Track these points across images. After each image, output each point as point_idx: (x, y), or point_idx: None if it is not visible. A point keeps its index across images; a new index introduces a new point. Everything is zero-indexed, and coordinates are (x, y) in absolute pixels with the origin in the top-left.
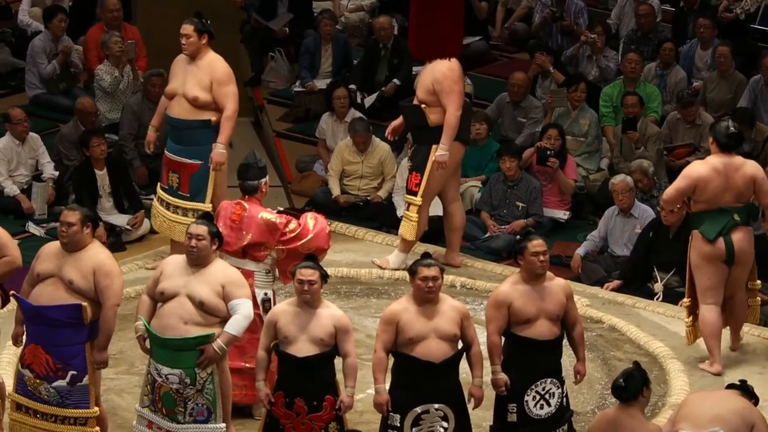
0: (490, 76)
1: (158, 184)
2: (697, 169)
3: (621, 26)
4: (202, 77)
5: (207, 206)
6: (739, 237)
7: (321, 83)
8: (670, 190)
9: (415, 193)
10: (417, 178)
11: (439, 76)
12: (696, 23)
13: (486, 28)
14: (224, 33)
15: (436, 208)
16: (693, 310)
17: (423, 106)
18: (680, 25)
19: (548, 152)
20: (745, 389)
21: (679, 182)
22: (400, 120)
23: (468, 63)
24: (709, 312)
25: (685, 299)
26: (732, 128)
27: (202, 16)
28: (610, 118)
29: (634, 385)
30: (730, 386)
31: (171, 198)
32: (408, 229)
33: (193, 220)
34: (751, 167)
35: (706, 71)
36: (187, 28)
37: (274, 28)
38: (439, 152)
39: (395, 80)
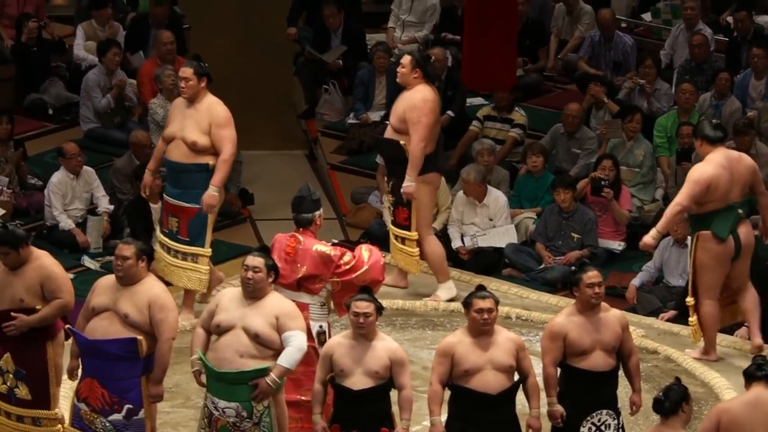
0: (544, 108)
1: (157, 228)
2: (705, 170)
3: (675, 56)
4: (201, 121)
5: (207, 251)
6: (744, 231)
7: (375, 115)
8: (683, 199)
9: (407, 227)
10: (405, 213)
11: (411, 105)
12: (750, 53)
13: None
14: (278, 66)
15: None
16: (696, 309)
17: (402, 142)
18: (734, 55)
19: (603, 183)
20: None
21: (692, 188)
22: None
23: (522, 94)
24: (711, 307)
25: (689, 298)
26: (713, 121)
27: (200, 59)
28: (665, 148)
29: (674, 399)
30: (752, 377)
31: (171, 242)
32: (411, 263)
33: (191, 264)
34: (747, 157)
35: (760, 101)
36: (186, 71)
37: (328, 60)
38: (406, 184)
39: (449, 112)
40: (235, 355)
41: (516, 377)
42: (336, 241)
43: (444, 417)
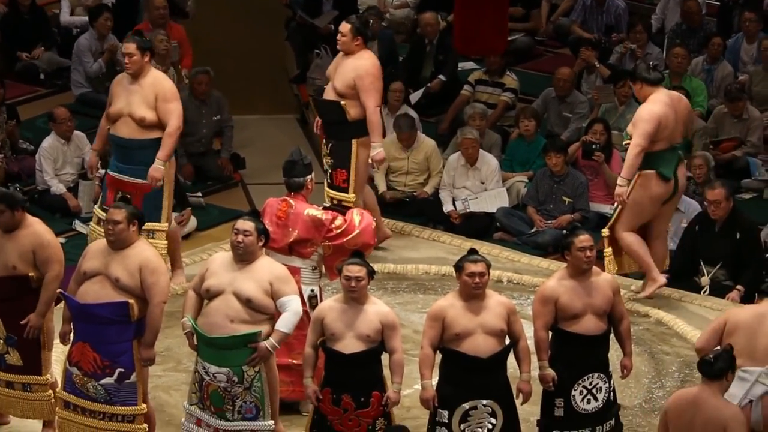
0: (535, 72)
1: (96, 205)
2: (653, 108)
3: (666, 21)
4: (148, 96)
5: (163, 225)
6: (682, 172)
7: None
8: (640, 140)
9: (344, 190)
10: (343, 175)
11: (362, 72)
12: (741, 17)
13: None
14: (269, 31)
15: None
16: (611, 242)
17: (343, 102)
18: (725, 19)
19: (594, 146)
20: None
21: (645, 127)
22: None
23: (514, 58)
24: (632, 236)
25: (605, 230)
26: (650, 63)
27: (142, 34)
28: None
29: (722, 365)
30: (764, 293)
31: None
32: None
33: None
34: (684, 98)
35: (751, 65)
36: (130, 47)
37: (319, 25)
38: (375, 151)
39: (441, 76)
40: (225, 320)
41: (507, 341)
42: (327, 205)
43: (435, 380)
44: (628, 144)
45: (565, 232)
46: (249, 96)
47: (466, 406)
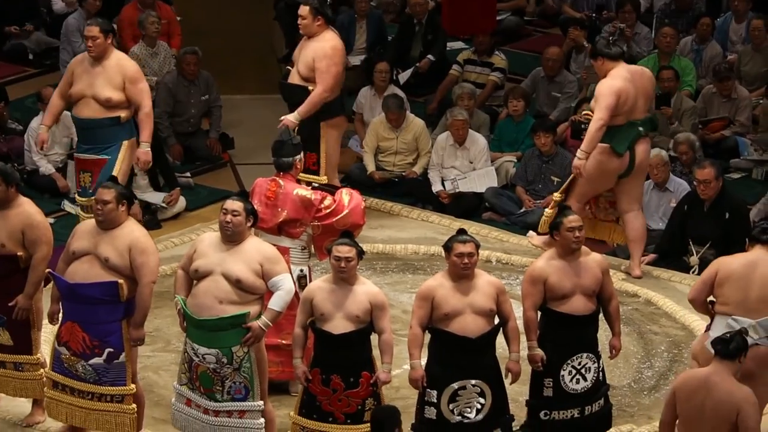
0: (524, 51)
1: (73, 194)
2: (613, 83)
3: (655, 0)
4: (113, 77)
5: None
6: (642, 149)
7: (355, 60)
8: (602, 114)
9: (315, 172)
10: (313, 158)
11: (320, 54)
12: None
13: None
14: (258, 10)
15: None
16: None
17: (310, 87)
18: None
19: (582, 126)
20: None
21: (606, 100)
22: None
23: (502, 38)
24: (577, 210)
25: (557, 194)
26: (610, 37)
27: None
28: None
29: (738, 345)
30: (755, 239)
31: (85, 199)
32: None
33: None
34: (649, 71)
35: (740, 44)
36: (93, 30)
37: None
38: (292, 118)
39: (429, 56)
40: (214, 301)
41: (496, 321)
42: (316, 184)
43: (424, 360)
44: (588, 117)
45: None
46: (238, 76)
47: (455, 385)
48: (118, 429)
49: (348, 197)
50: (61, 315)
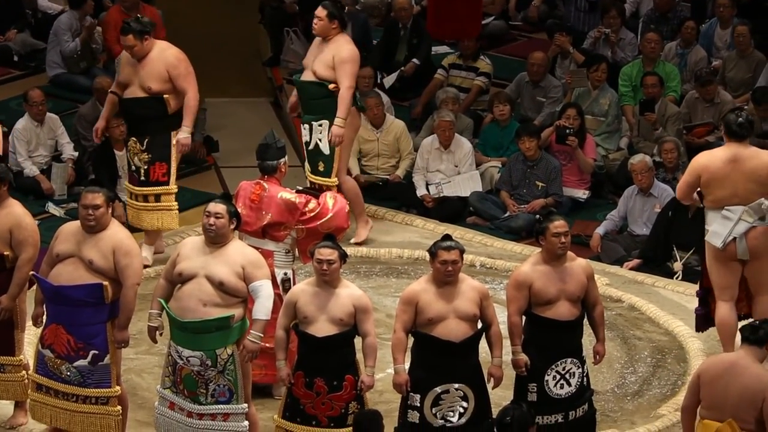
0: (508, 56)
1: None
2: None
3: (640, 6)
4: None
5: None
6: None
7: None
8: (348, 81)
9: (165, 183)
10: (163, 168)
11: (173, 61)
12: (715, 2)
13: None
14: (243, 13)
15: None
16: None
17: (166, 96)
18: (699, 4)
19: (567, 131)
20: (758, 340)
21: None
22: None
23: (487, 42)
24: (350, 181)
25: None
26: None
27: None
28: (629, 97)
29: (766, 330)
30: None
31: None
32: (172, 217)
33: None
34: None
35: (725, 50)
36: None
37: (286, 0)
38: (182, 134)
39: (414, 60)
40: (198, 304)
41: (479, 325)
42: (301, 188)
43: (408, 365)
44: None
45: (538, 216)
46: (222, 79)
47: (438, 389)
48: (102, 431)
49: (332, 201)
50: (45, 317)
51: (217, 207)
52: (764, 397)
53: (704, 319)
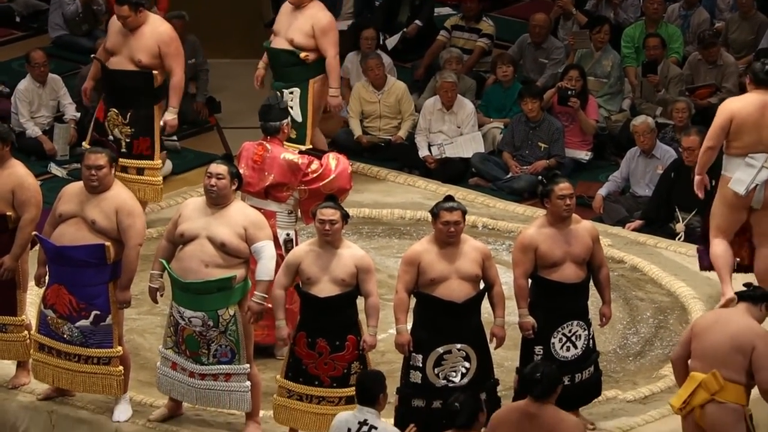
0: (511, 17)
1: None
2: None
3: None
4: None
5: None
6: None
7: (342, 25)
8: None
9: (149, 157)
10: (147, 142)
11: (166, 39)
12: None
13: None
14: None
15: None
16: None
17: (155, 72)
18: None
19: (569, 92)
20: (753, 297)
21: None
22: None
23: (490, 4)
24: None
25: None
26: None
27: None
28: (632, 59)
29: (765, 293)
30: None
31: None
32: (156, 192)
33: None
34: None
35: (728, 12)
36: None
37: None
38: (170, 116)
39: (417, 21)
40: (200, 264)
41: (482, 286)
42: (303, 149)
43: (410, 325)
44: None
45: (540, 177)
46: (224, 40)
47: (441, 350)
48: (104, 391)
49: (335, 161)
50: (47, 278)
51: (219, 168)
52: (754, 346)
53: (707, 255)
